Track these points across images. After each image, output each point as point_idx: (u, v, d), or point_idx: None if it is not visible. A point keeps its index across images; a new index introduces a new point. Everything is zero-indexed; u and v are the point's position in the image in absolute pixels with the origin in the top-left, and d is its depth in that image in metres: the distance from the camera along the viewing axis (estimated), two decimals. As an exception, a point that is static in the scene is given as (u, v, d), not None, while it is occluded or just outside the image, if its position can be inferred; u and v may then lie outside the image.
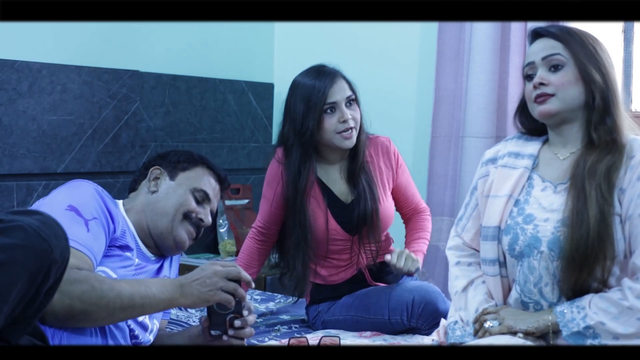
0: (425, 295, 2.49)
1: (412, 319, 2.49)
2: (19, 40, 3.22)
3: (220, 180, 2.32)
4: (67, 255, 1.61)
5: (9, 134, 3.10)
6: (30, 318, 1.59)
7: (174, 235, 2.19)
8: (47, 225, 1.57)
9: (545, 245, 1.94)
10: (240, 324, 2.02)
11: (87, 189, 2.05)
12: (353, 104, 2.57)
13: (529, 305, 1.98)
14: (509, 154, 2.10)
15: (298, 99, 2.54)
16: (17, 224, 1.53)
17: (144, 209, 2.21)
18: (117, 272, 2.03)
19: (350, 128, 2.53)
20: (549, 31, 2.02)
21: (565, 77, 1.96)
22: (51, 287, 1.59)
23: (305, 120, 2.51)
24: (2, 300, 1.47)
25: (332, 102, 2.52)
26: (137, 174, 2.34)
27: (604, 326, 1.83)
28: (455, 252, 2.17)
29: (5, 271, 1.48)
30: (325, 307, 2.64)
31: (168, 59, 3.75)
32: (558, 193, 1.99)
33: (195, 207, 2.22)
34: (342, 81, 2.56)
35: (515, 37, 3.35)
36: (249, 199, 3.86)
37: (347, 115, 2.52)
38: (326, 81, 2.53)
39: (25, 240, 1.52)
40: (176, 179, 2.25)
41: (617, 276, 1.89)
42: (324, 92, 2.51)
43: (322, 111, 2.51)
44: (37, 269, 1.52)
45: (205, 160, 2.31)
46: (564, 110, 1.98)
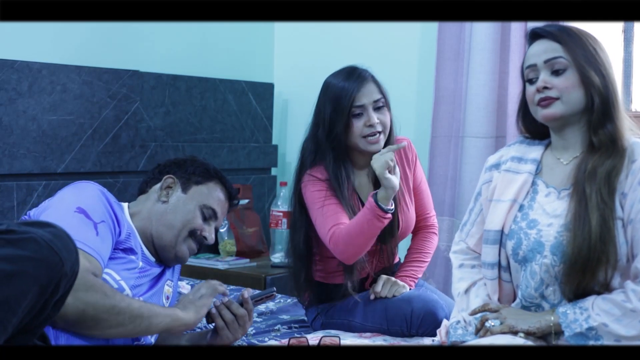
0: (424, 306, 2.46)
1: (412, 329, 2.48)
2: (19, 40, 3.22)
3: (230, 197, 2.32)
4: (77, 268, 1.62)
5: (9, 134, 3.10)
6: (36, 328, 1.60)
7: (176, 250, 2.20)
8: (59, 238, 1.57)
9: (548, 249, 1.94)
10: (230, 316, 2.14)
11: (93, 191, 2.05)
12: (382, 108, 2.53)
13: (530, 310, 1.98)
14: (512, 159, 2.10)
15: (327, 101, 2.52)
16: (30, 235, 1.54)
17: (150, 217, 2.20)
18: (121, 275, 2.03)
19: (376, 132, 2.50)
20: (548, 32, 2.01)
21: (569, 80, 1.96)
22: (59, 299, 1.60)
23: (333, 123, 2.49)
24: (11, 312, 1.48)
25: (359, 105, 2.49)
26: (149, 175, 2.32)
27: (607, 328, 1.83)
28: (459, 255, 2.18)
29: (16, 283, 1.49)
30: (324, 309, 2.63)
31: (168, 59, 3.75)
32: (562, 199, 1.99)
33: (202, 225, 2.22)
34: (371, 84, 2.53)
35: (515, 37, 3.35)
36: (249, 199, 3.86)
37: (374, 120, 2.49)
38: (355, 84, 2.49)
39: (37, 252, 1.52)
40: (188, 192, 2.24)
41: (619, 280, 1.89)
42: (351, 95, 2.47)
43: (350, 114, 2.49)
44: (47, 282, 1.53)
45: (219, 175, 2.30)
46: (568, 113, 1.97)
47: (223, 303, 2.14)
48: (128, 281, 2.05)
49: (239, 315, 2.15)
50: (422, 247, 2.72)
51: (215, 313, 2.14)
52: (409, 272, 2.65)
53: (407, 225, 2.63)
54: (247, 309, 2.16)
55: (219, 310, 2.14)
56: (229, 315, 2.14)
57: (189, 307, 2.04)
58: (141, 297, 2.08)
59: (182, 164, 2.30)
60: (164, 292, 2.22)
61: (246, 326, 2.17)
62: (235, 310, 2.15)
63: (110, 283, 1.99)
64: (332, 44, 4.03)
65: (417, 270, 2.67)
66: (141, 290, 2.10)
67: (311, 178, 2.53)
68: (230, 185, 2.32)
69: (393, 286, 2.54)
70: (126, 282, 2.04)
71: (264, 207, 4.08)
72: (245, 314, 2.15)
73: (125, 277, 2.05)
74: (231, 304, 2.15)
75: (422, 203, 2.72)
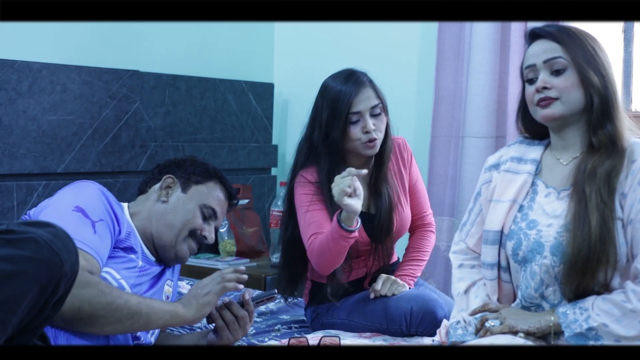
0: (423, 305, 2.47)
1: (411, 328, 2.48)
2: (19, 40, 3.22)
3: (230, 197, 2.32)
4: (77, 268, 1.63)
5: (9, 134, 3.10)
6: (36, 328, 1.60)
7: (176, 249, 2.20)
8: (59, 238, 1.58)
9: (548, 250, 1.94)
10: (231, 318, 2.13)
11: (92, 190, 2.05)
12: (379, 115, 2.54)
13: (530, 310, 1.98)
14: (512, 159, 2.10)
15: (325, 104, 2.53)
16: (30, 236, 1.54)
17: (150, 216, 2.20)
18: (121, 274, 2.04)
19: (373, 139, 2.51)
20: (548, 32, 2.01)
21: (568, 80, 1.96)
22: (59, 299, 1.60)
23: (330, 128, 2.50)
24: (11, 312, 1.48)
25: (356, 111, 2.50)
26: (148, 175, 2.32)
27: (607, 328, 1.83)
28: (458, 255, 2.18)
29: (16, 283, 1.49)
30: (324, 309, 2.63)
31: (168, 59, 3.75)
32: (561, 199, 1.99)
33: (201, 224, 2.22)
34: (368, 89, 2.53)
35: (515, 37, 3.35)
36: (249, 199, 3.86)
37: (370, 127, 2.49)
38: (352, 88, 2.50)
39: (37, 252, 1.53)
40: (188, 192, 2.24)
41: (619, 281, 1.89)
42: (348, 101, 2.48)
43: (347, 120, 2.50)
44: (47, 282, 1.54)
45: (219, 175, 2.30)
46: (568, 113, 1.97)
47: (224, 304, 2.14)
48: (128, 280, 2.05)
49: (239, 316, 2.15)
50: (420, 245, 2.73)
51: (215, 314, 2.13)
52: (407, 271, 2.66)
53: (403, 225, 2.65)
54: (248, 311, 2.16)
55: (219, 311, 2.14)
56: (230, 316, 2.14)
57: (191, 304, 2.03)
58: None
59: (181, 163, 2.30)
60: (164, 292, 2.22)
61: (246, 327, 2.17)
62: (235, 311, 2.15)
63: (111, 282, 1.99)
64: (332, 44, 4.03)
65: (415, 269, 2.68)
66: (141, 290, 2.10)
67: (301, 180, 2.55)
68: (229, 185, 2.32)
69: (393, 285, 2.55)
70: (126, 281, 2.04)
71: (264, 207, 4.08)
72: (246, 315, 2.15)
73: (126, 276, 2.05)
74: (232, 304, 2.15)
75: (418, 202, 2.73)
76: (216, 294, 2.07)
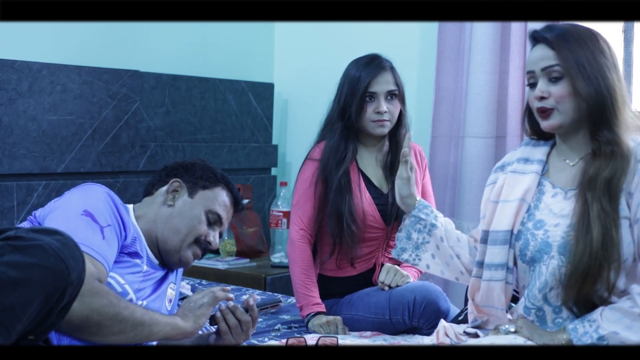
0: (427, 295, 2.51)
1: (413, 319, 2.51)
2: (19, 40, 3.22)
3: (236, 202, 2.32)
4: (83, 277, 1.63)
5: (9, 134, 3.10)
6: (40, 335, 1.60)
7: (181, 255, 2.19)
8: (67, 246, 1.57)
9: (555, 250, 1.94)
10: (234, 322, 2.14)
11: (100, 194, 2.04)
12: (394, 99, 2.68)
13: (531, 311, 1.98)
14: (518, 160, 2.10)
15: (346, 82, 2.69)
16: (37, 243, 1.54)
17: (156, 220, 2.19)
18: (125, 279, 2.03)
19: (383, 120, 2.65)
20: (545, 38, 1.99)
21: (564, 89, 1.95)
22: (64, 307, 1.60)
23: (348, 103, 2.66)
24: (16, 318, 1.49)
25: (372, 91, 2.65)
26: (155, 177, 2.30)
27: (618, 335, 1.82)
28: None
29: (22, 290, 1.50)
30: (328, 306, 2.65)
31: (168, 59, 3.75)
32: (568, 199, 1.98)
33: (207, 230, 2.22)
34: (388, 74, 2.68)
35: (515, 37, 3.35)
36: (249, 199, 3.86)
37: (383, 108, 2.64)
38: (373, 71, 2.66)
39: (44, 260, 1.53)
40: (194, 197, 2.23)
41: (624, 281, 1.89)
42: (367, 81, 2.64)
43: (363, 98, 2.63)
44: (53, 290, 1.54)
45: (226, 180, 2.30)
46: (567, 122, 1.97)
47: (228, 308, 2.14)
48: (132, 285, 2.05)
49: (243, 321, 2.14)
50: None
51: (219, 317, 2.13)
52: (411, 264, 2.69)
53: None
54: (252, 316, 2.16)
55: (223, 315, 2.13)
56: (233, 320, 2.14)
57: (188, 316, 2.05)
58: (145, 301, 2.08)
59: (189, 167, 2.28)
60: (167, 295, 2.22)
61: (249, 332, 2.16)
62: (239, 316, 2.14)
63: (115, 287, 1.99)
64: (332, 44, 4.03)
65: None
66: (145, 294, 2.10)
67: (308, 159, 2.72)
68: (236, 191, 2.32)
69: (397, 275, 2.59)
70: (130, 286, 2.04)
71: (264, 207, 4.08)
72: (250, 321, 2.14)
73: (130, 280, 2.04)
74: (236, 309, 2.14)
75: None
76: (209, 305, 2.09)
